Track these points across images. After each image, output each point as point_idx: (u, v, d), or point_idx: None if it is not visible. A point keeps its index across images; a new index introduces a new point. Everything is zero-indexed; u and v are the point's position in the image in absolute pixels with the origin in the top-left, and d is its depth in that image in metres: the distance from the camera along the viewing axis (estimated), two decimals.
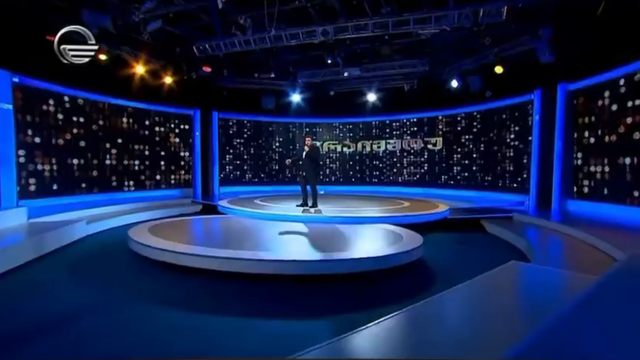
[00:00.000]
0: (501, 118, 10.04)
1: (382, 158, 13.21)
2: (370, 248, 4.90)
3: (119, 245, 5.50)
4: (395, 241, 5.01)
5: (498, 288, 3.09)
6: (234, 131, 12.89)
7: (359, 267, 4.15)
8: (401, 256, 4.46)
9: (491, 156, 10.39)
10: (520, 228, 6.66)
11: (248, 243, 5.03)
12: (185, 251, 4.34)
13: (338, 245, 5.02)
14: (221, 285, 4.00)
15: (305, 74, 11.28)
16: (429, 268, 4.76)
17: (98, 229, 6.92)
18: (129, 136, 9.99)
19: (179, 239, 4.95)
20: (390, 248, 4.63)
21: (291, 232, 6.01)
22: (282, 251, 4.74)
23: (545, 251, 5.07)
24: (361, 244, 5.23)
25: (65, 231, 5.75)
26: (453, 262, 5.11)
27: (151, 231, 5.44)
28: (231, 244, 4.80)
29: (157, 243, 4.66)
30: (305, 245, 5.14)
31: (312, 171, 7.48)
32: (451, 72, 10.55)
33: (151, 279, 4.24)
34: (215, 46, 8.72)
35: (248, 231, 5.96)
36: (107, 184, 9.45)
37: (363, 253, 4.46)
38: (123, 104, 9.82)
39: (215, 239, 5.24)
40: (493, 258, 5.40)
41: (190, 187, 11.64)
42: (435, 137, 12.03)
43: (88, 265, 4.81)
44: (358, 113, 12.99)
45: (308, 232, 5.91)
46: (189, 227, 6.53)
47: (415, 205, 8.43)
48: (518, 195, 9.37)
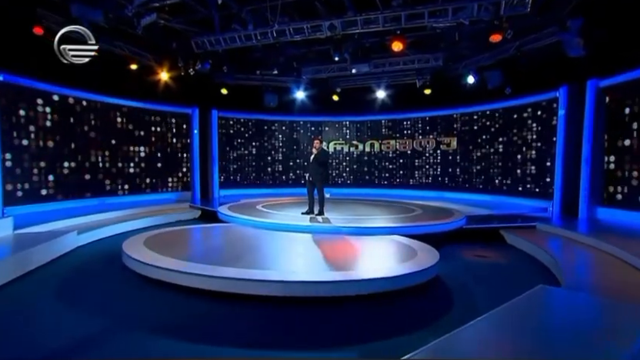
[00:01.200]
0: (522, 116, 9.73)
1: (392, 159, 12.96)
2: (382, 264, 4.72)
3: (113, 258, 5.32)
4: (409, 257, 4.82)
5: (528, 320, 2.85)
6: (234, 131, 12.70)
7: (371, 288, 3.99)
8: (416, 276, 4.28)
9: (510, 158, 10.09)
10: (544, 239, 6.39)
11: (251, 257, 4.85)
12: (183, 269, 4.17)
13: (347, 261, 4.86)
14: (223, 307, 3.84)
15: (309, 69, 11.05)
16: (446, 286, 4.54)
17: (91, 239, 6.75)
18: (123, 137, 9.83)
19: (177, 253, 4.82)
20: (404, 266, 4.44)
21: (296, 245, 5.86)
22: (288, 267, 4.59)
23: (574, 270, 4.78)
24: (371, 259, 5.04)
25: (54, 243, 5.58)
26: (471, 280, 4.87)
27: (147, 244, 5.26)
28: (232, 259, 4.63)
29: (153, 260, 4.50)
30: (311, 261, 4.97)
31: (320, 176, 7.31)
32: (468, 67, 10.27)
33: (146, 302, 4.04)
34: (214, 41, 8.52)
35: (250, 244, 5.79)
36: (100, 188, 9.30)
37: (375, 271, 4.28)
38: (117, 102, 9.66)
39: (215, 254, 5.07)
40: (515, 275, 5.18)
41: (188, 190, 11.48)
42: (450, 137, 11.75)
43: (78, 284, 4.61)
44: (366, 111, 12.76)
45: (315, 245, 5.74)
46: (187, 239, 6.36)
47: (428, 213, 8.19)
48: (541, 200, 9.09)
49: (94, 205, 8.85)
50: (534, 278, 4.88)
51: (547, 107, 9.06)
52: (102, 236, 7.05)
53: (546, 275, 4.96)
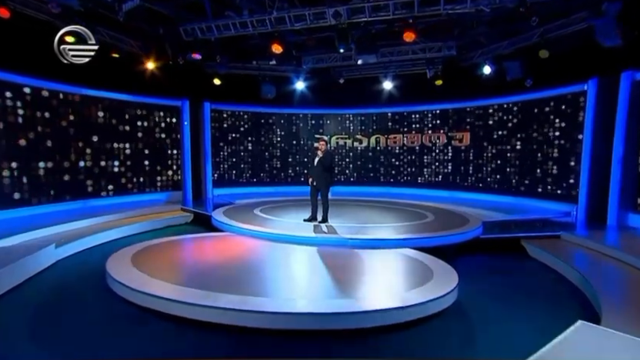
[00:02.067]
0: (544, 111, 9.22)
1: (399, 155, 12.52)
2: (393, 288, 4.38)
3: (96, 275, 4.92)
4: (425, 277, 4.49)
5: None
6: (229, 125, 12.19)
7: (384, 320, 3.69)
8: (434, 304, 3.94)
9: (529, 156, 9.62)
10: (572, 253, 5.99)
11: (249, 278, 4.54)
12: (174, 297, 3.84)
13: (356, 283, 4.53)
14: (220, 340, 3.57)
15: (310, 58, 10.61)
16: (465, 312, 4.18)
17: (72, 251, 6.25)
18: (106, 133, 9.29)
19: (168, 274, 4.60)
20: (420, 292, 4.06)
21: (299, 261, 5.52)
22: (290, 291, 4.30)
23: (612, 297, 4.30)
24: (381, 280, 4.67)
25: (28, 261, 5.09)
26: (493, 304, 4.48)
27: (135, 262, 4.94)
28: (229, 281, 4.34)
29: (141, 284, 4.17)
30: (315, 282, 4.62)
31: (324, 181, 6.96)
32: (484, 57, 9.77)
33: (134, 337, 3.62)
34: (206, 29, 7.98)
35: (248, 260, 5.44)
36: (81, 189, 8.81)
37: (386, 299, 3.96)
38: (98, 95, 9.09)
39: (210, 273, 4.74)
40: (543, 297, 4.77)
41: (179, 190, 11.01)
42: (462, 132, 11.27)
43: (53, 313, 4.12)
44: (371, 103, 12.30)
45: (320, 262, 5.37)
46: (179, 254, 5.94)
47: (440, 219, 7.78)
48: (563, 203, 8.66)
49: (75, 209, 8.38)
50: (565, 302, 4.57)
51: (572, 101, 8.55)
52: (85, 247, 6.59)
53: (578, 298, 4.59)
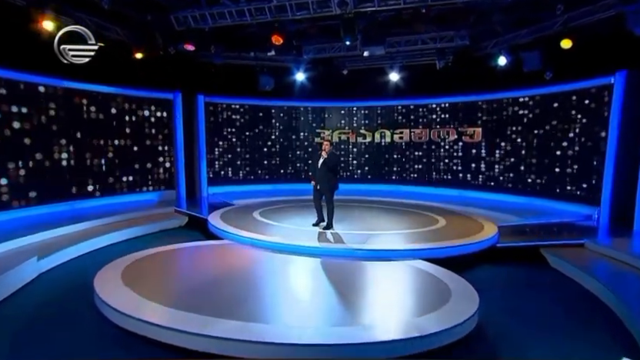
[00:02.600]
0: (564, 106, 8.76)
1: (405, 152, 12.10)
2: (409, 311, 4.02)
3: (83, 292, 4.52)
4: (440, 297, 4.15)
5: None
6: (224, 119, 11.70)
7: (400, 351, 3.33)
8: (454, 331, 3.56)
9: (546, 154, 9.17)
10: (598, 265, 5.59)
11: (250, 297, 4.22)
12: (169, 324, 3.49)
13: (365, 303, 4.24)
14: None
15: (312, 48, 10.08)
16: (487, 337, 3.80)
17: (56, 262, 5.79)
18: (92, 128, 8.78)
19: (162, 293, 4.26)
20: (438, 318, 3.66)
21: (301, 276, 5.20)
22: (293, 314, 3.98)
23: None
24: (395, 302, 4.27)
25: (7, 277, 4.68)
26: (518, 328, 4.06)
27: (126, 279, 4.58)
28: (228, 301, 4.06)
29: (132, 309, 3.78)
30: (321, 304, 4.22)
31: (329, 184, 6.58)
32: (499, 46, 9.26)
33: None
34: (200, 17, 7.50)
35: (248, 276, 5.05)
36: (65, 191, 8.33)
37: (402, 326, 3.60)
38: (81, 88, 8.54)
39: (207, 291, 4.37)
40: (573, 319, 4.30)
41: (172, 188, 10.54)
42: (473, 127, 10.81)
43: (36, 334, 3.75)
44: (376, 95, 11.85)
45: (324, 277, 4.99)
46: (173, 268, 5.52)
47: (452, 224, 7.37)
48: (583, 205, 8.27)
49: (59, 212, 7.92)
50: (597, 324, 4.17)
51: (596, 95, 8.08)
52: (71, 256, 6.13)
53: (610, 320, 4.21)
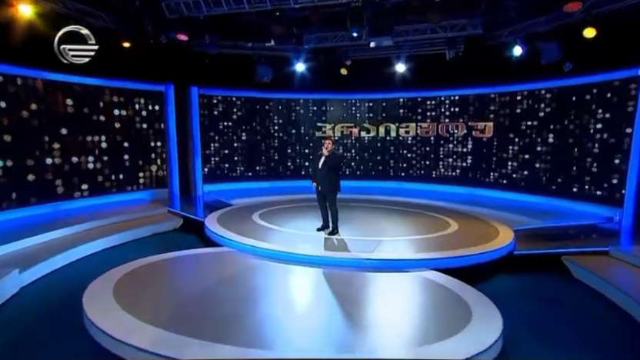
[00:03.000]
0: (584, 99, 8.26)
1: (412, 147, 11.66)
2: (428, 334, 3.62)
3: (70, 311, 4.11)
4: (460, 316, 3.84)
5: None
6: (219, 112, 11.20)
7: None
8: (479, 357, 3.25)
9: (564, 151, 8.71)
10: (627, 277, 5.21)
11: (248, 314, 3.95)
12: (166, 353, 3.19)
13: (378, 325, 3.92)
14: None
15: (313, 36, 9.57)
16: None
17: (39, 274, 5.35)
18: (77, 124, 8.29)
19: (157, 313, 3.87)
20: (461, 344, 3.33)
21: (305, 290, 4.91)
22: (297, 336, 3.65)
23: None
24: (411, 323, 3.91)
25: None
26: (544, 350, 3.72)
27: (117, 294, 4.26)
28: (225, 319, 3.81)
29: (125, 334, 3.44)
30: (328, 325, 3.87)
31: (331, 185, 6.19)
32: (514, 35, 8.76)
33: None
34: (193, 5, 7.02)
35: (246, 289, 4.69)
36: (50, 191, 7.88)
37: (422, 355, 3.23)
38: (65, 80, 8.04)
39: (203, 307, 4.07)
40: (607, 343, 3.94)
41: (165, 187, 10.10)
42: (485, 121, 10.33)
43: None
44: (381, 87, 11.38)
45: (330, 291, 4.62)
46: (169, 281, 5.12)
47: (465, 228, 6.98)
48: (603, 206, 7.86)
49: (43, 215, 7.50)
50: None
51: (621, 88, 7.58)
52: (57, 266, 5.71)
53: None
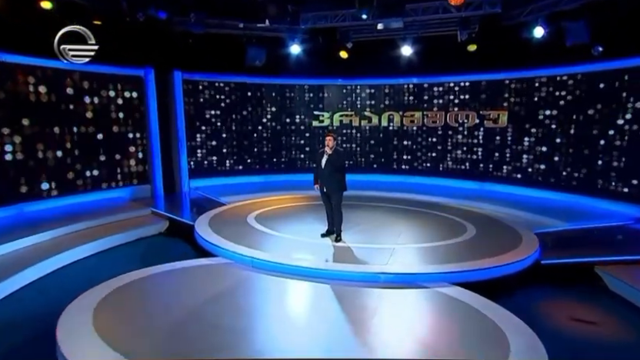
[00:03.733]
0: (613, 86, 7.69)
1: (417, 138, 11.13)
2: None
3: (43, 342, 3.54)
4: (496, 345, 3.38)
5: None
6: (206, 99, 10.46)
7: None
8: None
9: (587, 143, 8.17)
10: None
11: (244, 343, 3.47)
12: None
13: (391, 352, 3.38)
14: None
15: (310, 15, 8.90)
16: None
17: (3, 293, 4.63)
18: (43, 114, 7.46)
19: (145, 343, 3.40)
20: None
21: (309, 312, 4.39)
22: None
23: None
24: (433, 354, 3.32)
25: None
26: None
27: (97, 321, 3.64)
28: (219, 347, 3.36)
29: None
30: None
31: (337, 185, 5.65)
32: (535, 14, 8.09)
33: None
34: None
35: (243, 310, 4.14)
36: (13, 191, 7.09)
37: None
38: (27, 63, 7.18)
39: (196, 336, 3.50)
40: None
41: (146, 183, 9.34)
42: (498, 110, 9.76)
43: None
44: (384, 72, 10.84)
45: (336, 313, 4.05)
46: (157, 302, 4.41)
47: (483, 232, 6.40)
48: (631, 205, 7.41)
49: (6, 218, 6.74)
50: None
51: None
52: (26, 281, 5.00)
53: None
